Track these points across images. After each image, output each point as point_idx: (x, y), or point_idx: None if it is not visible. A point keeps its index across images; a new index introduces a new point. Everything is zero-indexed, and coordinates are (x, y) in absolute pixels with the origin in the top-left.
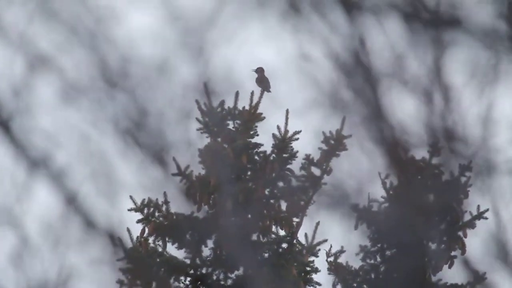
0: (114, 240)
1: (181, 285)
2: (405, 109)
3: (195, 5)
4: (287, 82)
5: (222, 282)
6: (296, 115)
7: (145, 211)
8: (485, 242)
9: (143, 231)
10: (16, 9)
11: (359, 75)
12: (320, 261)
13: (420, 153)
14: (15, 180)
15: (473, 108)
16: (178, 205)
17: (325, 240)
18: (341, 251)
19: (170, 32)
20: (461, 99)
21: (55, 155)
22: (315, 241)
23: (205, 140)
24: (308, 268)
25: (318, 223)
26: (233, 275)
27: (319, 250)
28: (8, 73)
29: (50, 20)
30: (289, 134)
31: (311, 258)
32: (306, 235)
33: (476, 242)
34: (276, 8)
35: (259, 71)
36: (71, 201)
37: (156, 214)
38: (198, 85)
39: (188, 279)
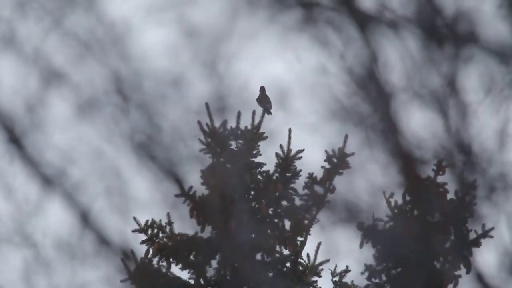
0: (127, 255)
1: None
2: (420, 124)
3: (209, 20)
4: (301, 96)
5: None
6: (311, 130)
7: (149, 232)
8: (500, 258)
9: (147, 252)
10: (30, 24)
11: (374, 90)
12: (324, 281)
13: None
14: (28, 196)
15: (488, 123)
16: (184, 225)
17: (327, 260)
18: (346, 270)
19: (184, 47)
20: (476, 114)
21: (69, 171)
22: (318, 261)
23: (208, 160)
24: None
25: (319, 244)
26: None
27: (322, 270)
28: (22, 89)
29: (65, 35)
30: (292, 153)
31: (314, 278)
32: (308, 255)
33: (490, 257)
34: (291, 22)
35: (260, 89)
36: (85, 217)
37: (160, 235)
38: (212, 101)
39: None
